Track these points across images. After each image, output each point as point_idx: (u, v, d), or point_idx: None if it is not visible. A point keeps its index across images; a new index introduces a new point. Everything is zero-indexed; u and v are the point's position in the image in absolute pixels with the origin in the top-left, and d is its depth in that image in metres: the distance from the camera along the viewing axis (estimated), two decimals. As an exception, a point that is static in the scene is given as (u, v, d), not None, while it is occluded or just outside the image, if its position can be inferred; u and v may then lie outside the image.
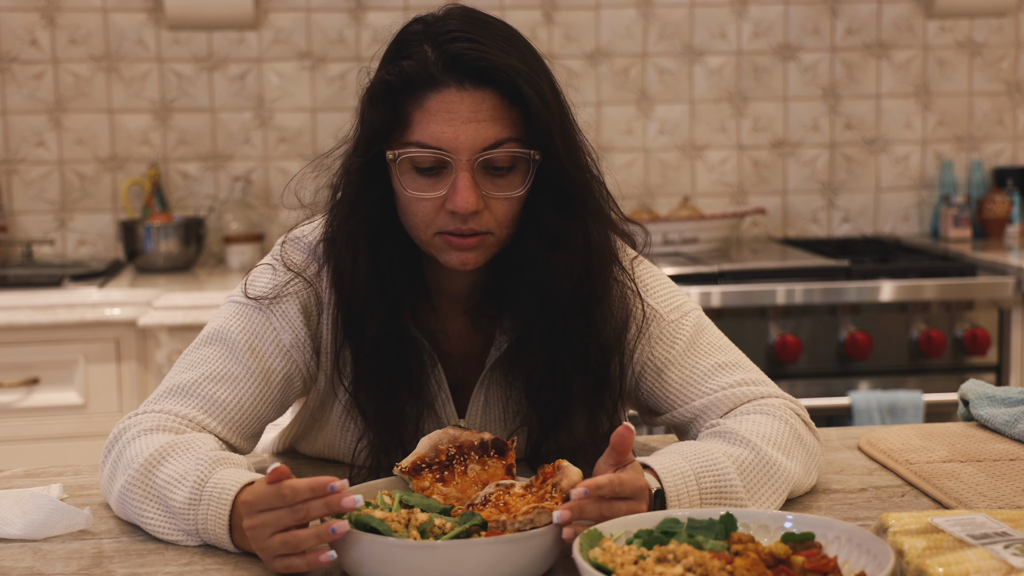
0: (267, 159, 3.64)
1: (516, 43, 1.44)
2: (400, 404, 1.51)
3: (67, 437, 2.98)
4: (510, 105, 1.42)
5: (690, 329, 1.55)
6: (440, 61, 1.40)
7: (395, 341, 1.49)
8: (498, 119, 1.41)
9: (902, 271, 3.19)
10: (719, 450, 1.39)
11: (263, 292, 1.53)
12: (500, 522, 1.22)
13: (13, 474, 1.63)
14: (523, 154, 1.42)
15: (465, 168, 1.40)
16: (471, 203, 1.40)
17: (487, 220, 1.43)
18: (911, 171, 3.89)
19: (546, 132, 1.42)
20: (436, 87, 1.40)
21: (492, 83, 1.40)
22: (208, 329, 1.53)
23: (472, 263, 1.45)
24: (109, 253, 3.59)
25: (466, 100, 1.40)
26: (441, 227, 1.44)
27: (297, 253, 1.55)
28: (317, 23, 3.63)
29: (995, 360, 3.20)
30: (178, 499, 1.33)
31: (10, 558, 1.32)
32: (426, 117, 1.41)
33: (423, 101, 1.41)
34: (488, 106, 1.40)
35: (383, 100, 1.43)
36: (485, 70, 1.40)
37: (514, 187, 1.44)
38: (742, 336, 3.06)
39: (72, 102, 3.55)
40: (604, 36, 3.74)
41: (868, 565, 1.13)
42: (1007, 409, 1.76)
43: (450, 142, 1.40)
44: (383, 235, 1.48)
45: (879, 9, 3.83)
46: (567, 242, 1.47)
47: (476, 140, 1.40)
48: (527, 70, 1.41)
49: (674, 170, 3.79)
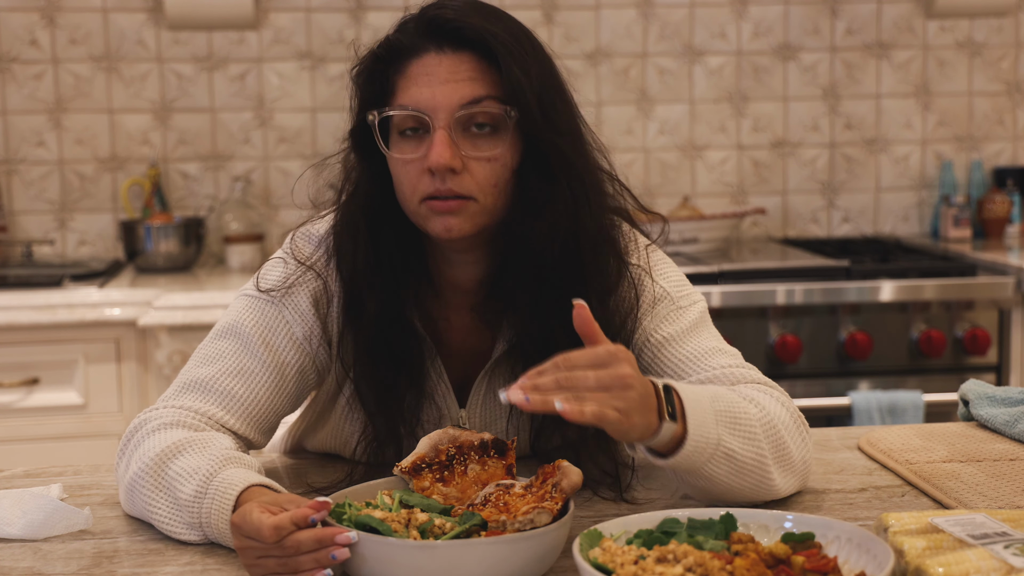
0: (267, 159, 3.64)
1: (496, 13, 1.48)
2: (400, 393, 1.51)
3: (67, 437, 2.99)
4: (488, 66, 1.44)
5: (696, 315, 1.56)
6: (419, 28, 1.46)
7: (395, 328, 1.50)
8: (477, 79, 1.44)
9: (902, 271, 3.19)
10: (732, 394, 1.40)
11: (274, 285, 1.54)
12: (500, 522, 1.22)
13: (13, 474, 1.63)
14: (500, 111, 1.44)
15: (442, 126, 1.43)
16: (445, 157, 1.41)
17: (467, 183, 1.44)
18: (911, 171, 3.89)
19: (518, 88, 1.43)
20: (417, 53, 1.45)
21: (469, 45, 1.44)
22: (222, 323, 1.54)
23: (456, 230, 1.45)
24: (109, 253, 3.60)
25: (444, 63, 1.44)
26: (424, 191, 1.45)
27: (306, 245, 1.56)
28: (317, 23, 3.63)
29: (995, 360, 3.21)
30: (186, 492, 1.33)
31: (10, 558, 1.32)
32: (407, 82, 1.45)
33: (405, 68, 1.46)
34: (467, 67, 1.44)
35: (369, 71, 1.49)
36: (461, 31, 1.44)
37: (495, 148, 1.45)
38: (742, 336, 3.06)
39: (72, 102, 3.55)
40: (604, 36, 3.74)
41: (868, 565, 1.13)
42: (1007, 409, 1.76)
43: (427, 101, 1.43)
44: (382, 219, 1.51)
45: (879, 9, 3.83)
46: (548, 206, 1.46)
47: (453, 99, 1.43)
48: (504, 34, 1.44)
49: (674, 170, 3.79)
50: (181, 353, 2.94)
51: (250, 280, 1.58)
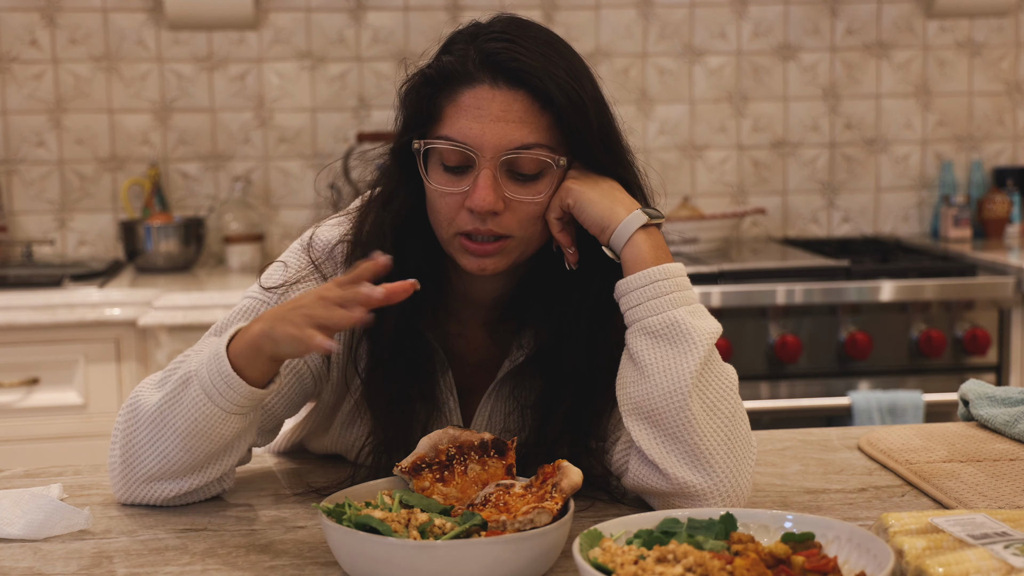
0: (267, 159, 3.64)
1: (558, 49, 1.44)
2: (411, 403, 1.51)
3: (67, 437, 2.98)
4: (541, 109, 1.41)
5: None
6: (477, 58, 1.42)
7: (412, 339, 1.49)
8: (527, 122, 1.41)
9: (902, 271, 3.19)
10: None
11: (275, 286, 1.53)
12: (500, 522, 1.23)
13: (13, 474, 1.63)
14: (550, 160, 1.42)
15: (488, 166, 1.40)
16: (488, 201, 1.40)
17: (507, 222, 1.43)
18: (911, 171, 3.89)
19: (578, 136, 1.42)
20: (470, 83, 1.41)
21: (525, 85, 1.41)
22: (221, 321, 1.54)
23: (490, 268, 1.45)
24: (109, 253, 3.60)
25: (498, 98, 1.40)
26: (461, 227, 1.43)
27: (314, 252, 1.54)
28: (317, 23, 3.63)
29: (995, 360, 3.21)
30: (192, 363, 1.40)
31: (10, 558, 1.32)
32: (457, 112, 1.42)
33: (456, 96, 1.42)
34: (519, 107, 1.41)
35: (419, 92, 1.45)
36: (519, 71, 1.40)
37: (538, 192, 1.43)
38: (742, 336, 3.06)
39: (72, 102, 3.55)
40: (604, 36, 3.74)
41: (868, 565, 1.13)
42: (1007, 409, 1.76)
43: (476, 139, 1.40)
44: (410, 230, 1.49)
45: (879, 9, 3.83)
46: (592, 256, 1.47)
47: (503, 140, 1.40)
48: (564, 76, 1.41)
49: (674, 170, 3.79)
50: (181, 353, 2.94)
51: (254, 283, 1.57)
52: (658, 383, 1.36)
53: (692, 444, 1.35)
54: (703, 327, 1.38)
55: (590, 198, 1.42)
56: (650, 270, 1.40)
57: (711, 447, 1.36)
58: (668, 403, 1.36)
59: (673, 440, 1.36)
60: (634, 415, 1.38)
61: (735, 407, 1.38)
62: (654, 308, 1.39)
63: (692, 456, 1.36)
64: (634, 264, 1.41)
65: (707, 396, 1.37)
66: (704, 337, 1.37)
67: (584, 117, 1.42)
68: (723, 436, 1.36)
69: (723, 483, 1.36)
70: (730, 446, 1.37)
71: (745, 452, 1.38)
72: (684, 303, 1.39)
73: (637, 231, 1.42)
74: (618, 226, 1.42)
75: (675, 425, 1.36)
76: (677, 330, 1.37)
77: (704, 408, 1.36)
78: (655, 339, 1.38)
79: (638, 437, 1.38)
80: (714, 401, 1.37)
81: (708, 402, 1.37)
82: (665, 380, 1.36)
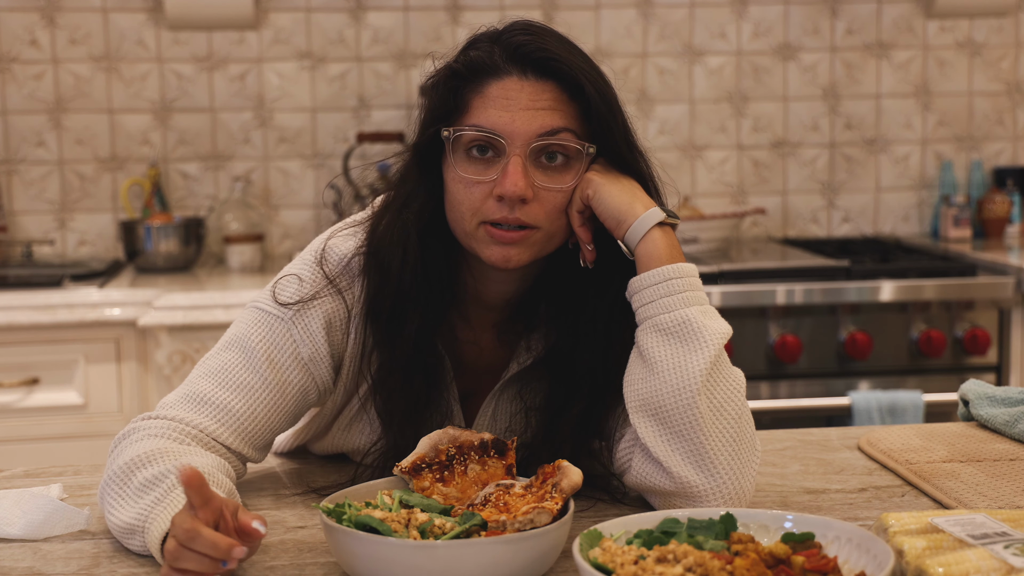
0: (267, 159, 3.64)
1: (577, 48, 1.48)
2: (421, 408, 1.50)
3: (67, 437, 2.99)
4: (569, 99, 1.44)
5: None
6: (504, 53, 1.44)
7: (427, 349, 1.49)
8: (557, 109, 1.43)
9: (902, 271, 3.19)
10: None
11: (287, 301, 1.50)
12: (500, 522, 1.23)
13: (13, 474, 1.63)
14: (578, 146, 1.44)
15: (518, 153, 1.41)
16: (520, 187, 1.40)
17: (535, 212, 1.43)
18: (911, 171, 3.89)
19: (605, 128, 1.44)
20: (498, 75, 1.43)
21: (553, 75, 1.43)
22: (230, 334, 1.52)
23: (515, 260, 1.44)
24: (109, 253, 3.60)
25: (526, 89, 1.42)
26: (487, 215, 1.43)
27: (328, 265, 1.52)
28: (317, 23, 3.63)
29: (995, 360, 3.21)
30: (146, 500, 1.30)
31: (10, 558, 1.32)
32: (484, 103, 1.43)
33: (483, 88, 1.44)
34: (548, 97, 1.43)
35: (445, 85, 1.46)
36: (547, 61, 1.42)
37: (565, 182, 1.44)
38: (742, 336, 3.06)
39: (72, 102, 3.55)
40: (604, 36, 3.74)
41: (868, 565, 1.13)
42: (1007, 409, 1.76)
43: (506, 126, 1.41)
44: (432, 231, 1.49)
45: (879, 9, 3.83)
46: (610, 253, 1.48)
47: (532, 126, 1.41)
48: (589, 69, 1.44)
49: (674, 170, 3.79)
50: (181, 353, 2.95)
51: (266, 288, 1.54)
52: (667, 380, 1.37)
53: (698, 443, 1.35)
54: (714, 328, 1.39)
55: (610, 191, 1.44)
56: (664, 268, 1.40)
57: (716, 447, 1.36)
58: (676, 400, 1.36)
59: (679, 438, 1.36)
60: (641, 412, 1.39)
61: (742, 409, 1.39)
62: (666, 306, 1.39)
63: (697, 455, 1.36)
64: (648, 260, 1.41)
65: (715, 396, 1.37)
66: (715, 337, 1.38)
67: (611, 109, 1.44)
68: (728, 437, 1.37)
69: (726, 485, 1.36)
70: (735, 448, 1.37)
71: (749, 455, 1.39)
72: (696, 303, 1.40)
73: (653, 228, 1.42)
74: (635, 221, 1.42)
75: (682, 423, 1.36)
76: (688, 328, 1.38)
77: (711, 408, 1.36)
78: (666, 336, 1.38)
79: (644, 434, 1.38)
80: (721, 402, 1.37)
81: (715, 402, 1.37)
82: (674, 377, 1.36)
